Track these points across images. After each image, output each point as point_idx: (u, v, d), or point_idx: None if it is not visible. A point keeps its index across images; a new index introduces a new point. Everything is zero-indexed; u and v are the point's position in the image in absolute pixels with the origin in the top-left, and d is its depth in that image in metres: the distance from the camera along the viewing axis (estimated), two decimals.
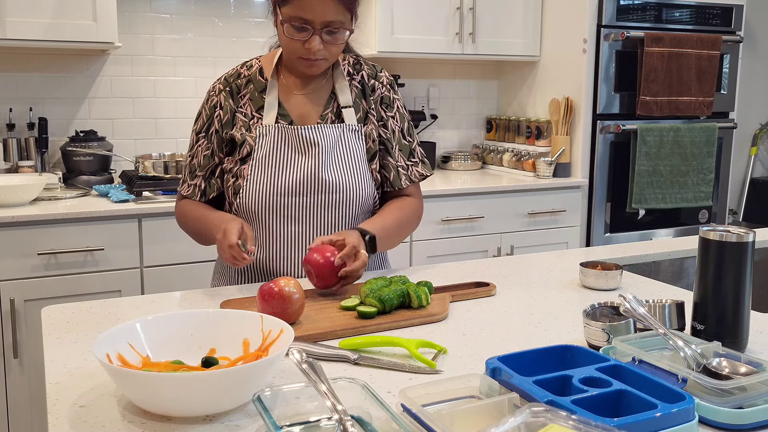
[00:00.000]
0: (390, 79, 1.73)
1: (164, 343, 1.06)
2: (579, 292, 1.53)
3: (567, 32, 3.41)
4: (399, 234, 1.67)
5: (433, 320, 1.32)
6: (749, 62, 4.54)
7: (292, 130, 1.59)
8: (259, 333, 1.07)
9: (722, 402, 0.91)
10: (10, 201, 2.50)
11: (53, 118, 3.03)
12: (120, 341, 1.02)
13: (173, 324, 1.09)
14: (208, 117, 1.64)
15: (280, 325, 1.05)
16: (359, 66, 1.69)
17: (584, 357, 1.01)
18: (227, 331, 1.08)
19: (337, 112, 1.65)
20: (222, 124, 1.62)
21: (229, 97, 1.63)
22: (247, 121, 1.61)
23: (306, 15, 1.47)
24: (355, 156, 1.63)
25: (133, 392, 0.93)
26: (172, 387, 0.89)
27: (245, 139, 1.60)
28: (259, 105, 1.61)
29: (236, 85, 1.63)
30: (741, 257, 1.13)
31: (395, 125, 1.70)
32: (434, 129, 3.82)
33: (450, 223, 3.09)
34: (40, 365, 2.46)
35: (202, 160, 1.64)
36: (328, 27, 1.49)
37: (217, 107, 1.63)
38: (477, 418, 0.86)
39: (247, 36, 3.31)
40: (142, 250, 2.59)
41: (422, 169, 1.73)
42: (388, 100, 1.70)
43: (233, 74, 1.65)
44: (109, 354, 0.97)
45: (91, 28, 2.71)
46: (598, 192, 3.39)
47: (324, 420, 0.90)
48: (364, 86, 1.68)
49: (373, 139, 1.67)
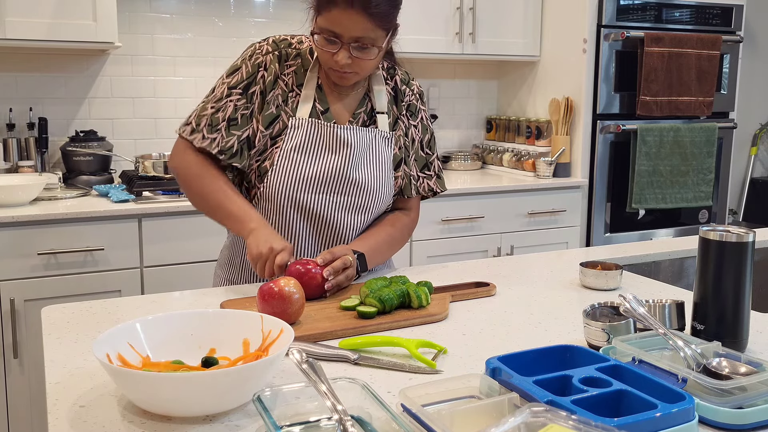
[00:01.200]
0: (420, 89, 1.74)
1: (164, 343, 1.06)
2: (579, 292, 1.53)
3: (567, 32, 3.41)
4: (389, 251, 1.67)
5: (433, 320, 1.32)
6: (749, 62, 4.54)
7: (326, 127, 1.58)
8: (259, 333, 1.07)
9: (722, 402, 0.91)
10: (10, 201, 2.50)
11: (53, 118, 3.03)
12: (120, 341, 1.02)
13: (173, 324, 1.09)
14: (249, 75, 1.56)
15: (280, 325, 1.05)
16: (393, 71, 1.69)
17: (584, 357, 1.01)
18: (227, 331, 1.08)
19: (369, 114, 1.65)
20: (266, 85, 1.56)
21: (275, 61, 1.57)
22: (286, 92, 1.58)
23: (335, 28, 1.46)
24: (383, 162, 1.63)
25: (133, 392, 0.93)
26: (172, 387, 0.89)
27: (280, 114, 1.56)
28: (300, 81, 1.59)
29: (285, 53, 1.59)
30: (741, 257, 1.14)
31: (416, 134, 1.71)
32: (434, 129, 3.81)
33: (450, 223, 3.09)
34: (40, 365, 2.46)
35: (240, 119, 1.54)
36: (357, 42, 1.47)
37: (262, 68, 1.56)
38: (477, 418, 0.86)
39: (247, 36, 3.31)
40: (142, 250, 2.59)
41: (434, 184, 1.73)
42: (414, 109, 1.70)
43: (282, 40, 1.60)
44: (109, 354, 0.97)
45: (91, 28, 2.71)
46: (598, 192, 3.39)
47: (324, 420, 0.90)
48: (396, 92, 1.68)
49: (400, 146, 1.67)
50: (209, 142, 1.54)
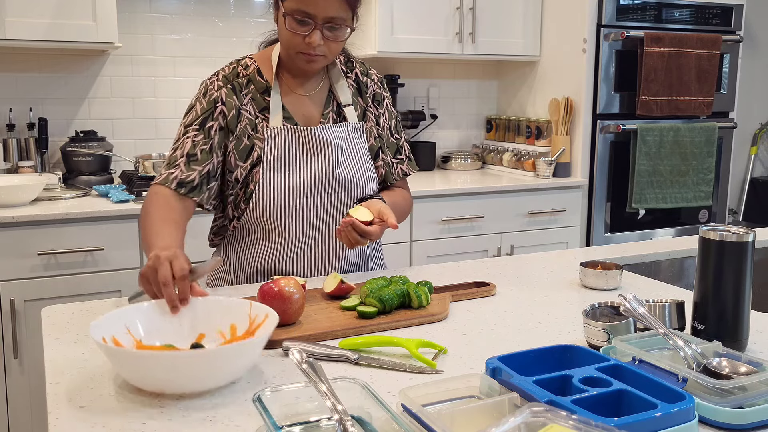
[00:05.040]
0: (380, 76, 1.75)
1: (158, 329, 1.14)
2: (579, 292, 1.53)
3: (567, 32, 3.41)
4: (401, 214, 1.71)
5: (433, 320, 1.32)
6: (749, 62, 4.54)
7: (302, 131, 1.59)
8: (246, 318, 1.15)
9: (722, 402, 0.91)
10: (10, 201, 2.50)
11: (53, 118, 3.03)
12: (117, 325, 1.10)
13: (167, 310, 1.16)
14: (204, 111, 1.57)
15: (266, 310, 1.12)
16: (351, 64, 1.71)
17: (584, 357, 1.01)
18: (218, 317, 1.17)
19: (337, 111, 1.66)
20: (228, 120, 1.57)
21: (232, 94, 1.58)
22: (253, 120, 1.58)
23: (308, 9, 1.48)
24: (360, 153, 1.65)
25: (127, 371, 1.00)
26: (162, 365, 0.96)
27: (254, 143, 1.57)
28: (261, 106, 1.60)
29: (237, 84, 1.60)
30: (741, 257, 1.14)
31: (385, 122, 1.72)
32: (434, 129, 3.82)
33: (450, 223, 3.09)
34: (40, 365, 2.46)
35: (199, 154, 1.54)
36: (329, 23, 1.50)
37: (219, 103, 1.57)
38: (477, 418, 0.86)
39: (247, 36, 3.31)
40: (142, 250, 2.59)
41: (407, 167, 1.76)
42: (380, 98, 1.72)
43: (231, 72, 1.61)
44: (105, 337, 1.05)
45: (91, 28, 2.71)
46: (598, 192, 3.39)
47: (324, 420, 0.90)
48: (359, 84, 1.70)
49: (375, 136, 1.69)
50: (165, 177, 1.52)
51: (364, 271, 1.70)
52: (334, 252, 1.64)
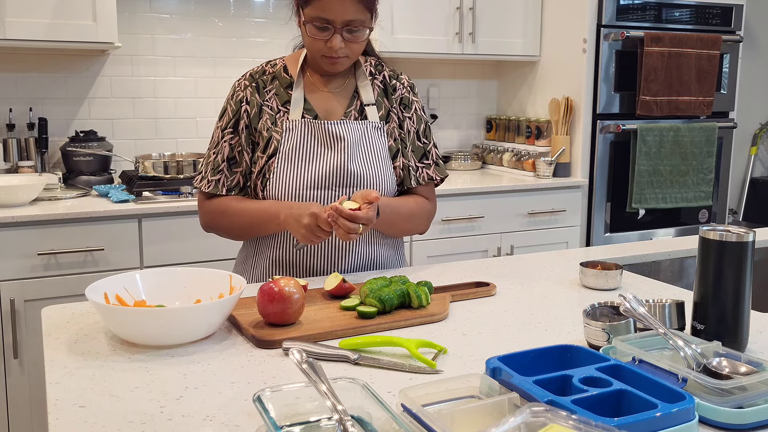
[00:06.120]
0: (411, 82, 1.77)
1: (158, 291, 1.33)
2: (579, 292, 1.53)
3: (567, 32, 3.41)
4: (405, 225, 1.70)
5: (433, 320, 1.32)
6: (749, 62, 4.54)
7: (319, 125, 1.62)
8: (228, 288, 1.33)
9: (722, 402, 0.91)
10: (10, 201, 2.50)
11: (53, 118, 3.03)
12: (117, 286, 1.31)
13: (169, 276, 1.37)
14: (234, 112, 1.65)
15: (241, 282, 1.29)
16: (381, 67, 1.74)
17: (584, 357, 1.01)
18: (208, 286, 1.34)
19: (360, 110, 1.68)
20: (251, 118, 1.64)
21: (255, 92, 1.65)
22: (273, 114, 1.64)
23: (327, 15, 1.52)
24: (379, 151, 1.66)
25: (116, 326, 1.20)
26: (144, 320, 1.16)
27: (271, 135, 1.62)
28: (284, 100, 1.65)
29: (262, 81, 1.66)
30: (741, 257, 1.14)
31: (411, 126, 1.73)
32: (434, 129, 3.82)
33: (450, 223, 3.09)
34: (40, 365, 2.46)
35: (237, 156, 1.64)
36: (348, 26, 1.54)
37: (243, 102, 1.65)
38: (477, 418, 0.86)
39: (247, 36, 3.31)
40: (142, 250, 2.59)
41: (434, 171, 1.75)
42: (407, 101, 1.73)
43: (258, 71, 1.68)
44: (107, 293, 1.27)
45: (91, 28, 2.71)
46: (598, 192, 3.39)
47: (324, 420, 0.90)
48: (386, 86, 1.72)
49: (395, 137, 1.70)
50: (214, 185, 1.65)
51: (369, 270, 1.70)
52: (348, 247, 1.65)
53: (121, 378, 1.07)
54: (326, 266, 1.65)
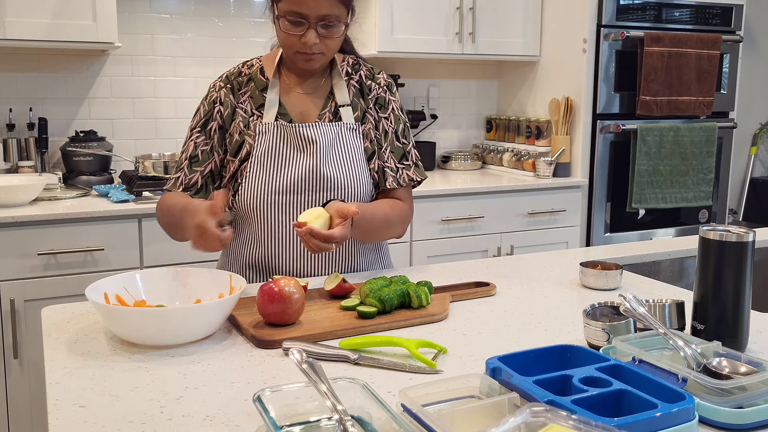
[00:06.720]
0: (387, 81, 1.72)
1: (159, 291, 1.34)
2: (579, 292, 1.53)
3: (567, 32, 3.41)
4: (381, 231, 1.64)
5: (433, 320, 1.32)
6: (749, 62, 4.54)
7: (291, 128, 1.59)
8: (228, 288, 1.33)
9: (722, 402, 0.91)
10: (10, 201, 2.50)
11: (53, 118, 3.03)
12: (117, 286, 1.30)
13: (169, 276, 1.37)
14: (206, 113, 1.64)
15: (241, 282, 1.29)
16: (358, 66, 1.70)
17: (584, 357, 1.01)
18: (209, 286, 1.35)
19: (334, 111, 1.66)
20: (224, 119, 1.62)
21: (229, 93, 1.64)
22: (247, 117, 1.62)
23: (301, 9, 1.49)
24: (353, 154, 1.64)
25: (115, 326, 1.19)
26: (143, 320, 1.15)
27: (244, 139, 1.60)
28: (259, 103, 1.62)
29: (237, 83, 1.65)
30: (741, 257, 1.14)
31: (388, 126, 1.69)
32: (434, 129, 3.82)
33: (450, 222, 3.09)
34: (40, 365, 2.46)
35: (200, 155, 1.62)
36: (323, 21, 1.51)
37: (217, 103, 1.63)
38: (477, 418, 0.86)
39: (247, 36, 3.31)
40: (142, 250, 2.59)
41: (414, 173, 1.70)
42: (383, 101, 1.69)
43: (234, 72, 1.67)
44: (107, 293, 1.26)
45: (91, 28, 2.71)
46: (598, 192, 3.39)
47: (324, 420, 0.90)
48: (362, 86, 1.69)
49: (371, 138, 1.67)
50: (172, 183, 1.63)
51: (364, 271, 1.70)
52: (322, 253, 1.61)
53: (121, 378, 1.07)
54: (294, 268, 1.61)
